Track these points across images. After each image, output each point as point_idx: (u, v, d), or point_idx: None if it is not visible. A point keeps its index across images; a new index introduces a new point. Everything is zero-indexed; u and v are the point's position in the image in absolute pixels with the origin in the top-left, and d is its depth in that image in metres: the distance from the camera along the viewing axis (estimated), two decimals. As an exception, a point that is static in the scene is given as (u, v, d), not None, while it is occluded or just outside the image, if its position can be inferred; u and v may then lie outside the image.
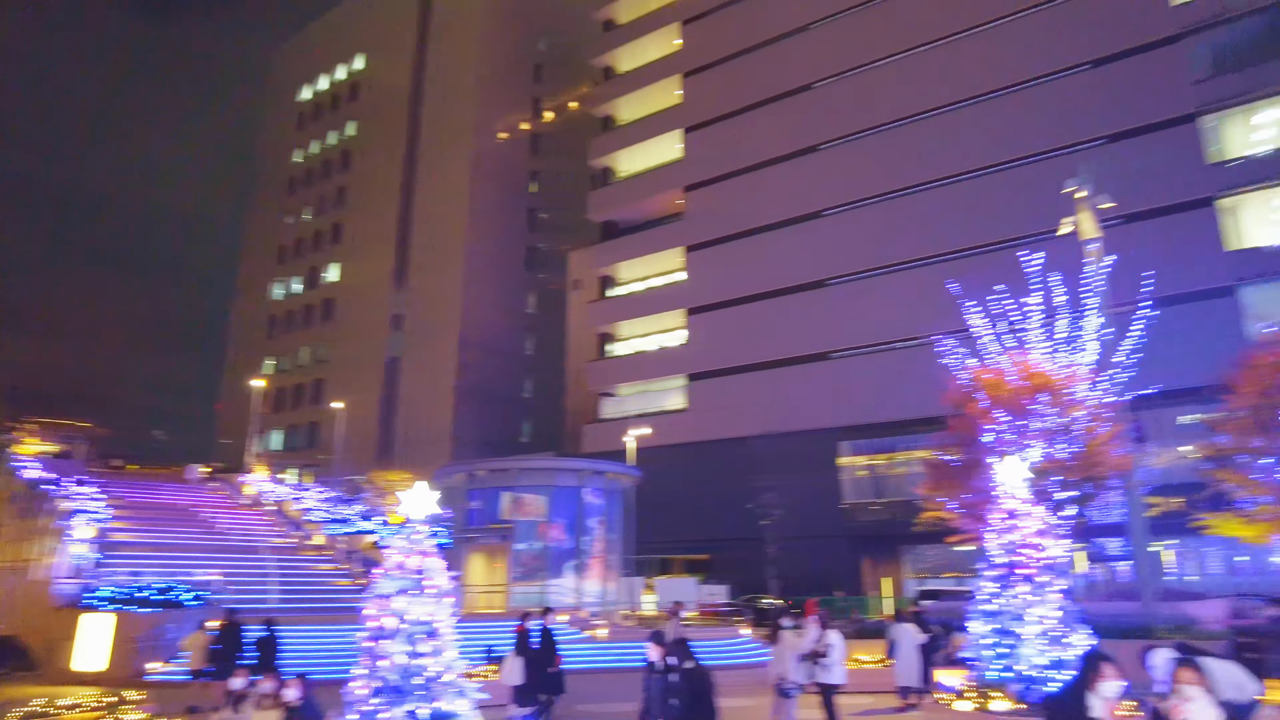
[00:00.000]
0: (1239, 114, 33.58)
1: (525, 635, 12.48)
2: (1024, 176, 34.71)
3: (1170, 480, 25.99)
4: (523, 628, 12.94)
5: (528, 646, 12.08)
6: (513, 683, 11.85)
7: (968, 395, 18.78)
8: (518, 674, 11.84)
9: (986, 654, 10.41)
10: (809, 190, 41.51)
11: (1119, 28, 34.83)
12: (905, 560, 38.23)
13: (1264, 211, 32.28)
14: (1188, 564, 33.35)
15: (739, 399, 41.15)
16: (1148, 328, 19.78)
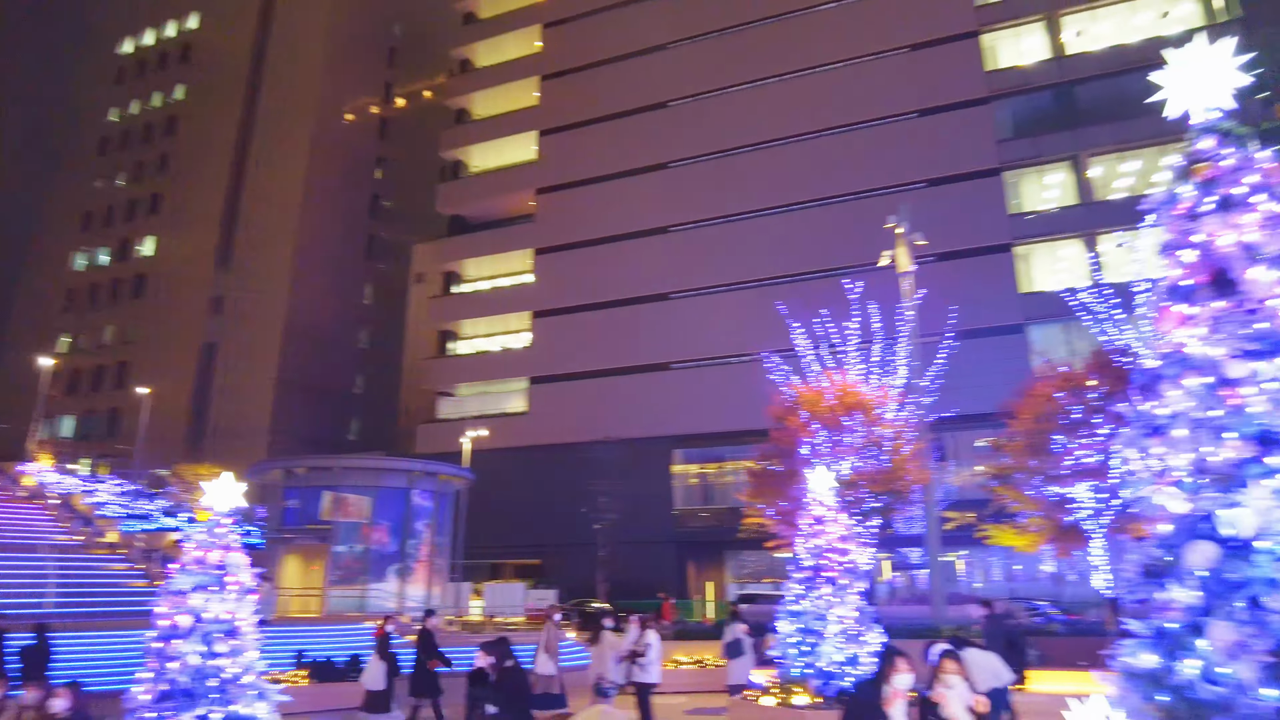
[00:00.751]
0: (1034, 173, 37.92)
1: (386, 639, 12.04)
2: (852, 210, 37.30)
3: (965, 496, 28.81)
4: (383, 631, 12.60)
5: (388, 650, 11.65)
6: (373, 687, 11.40)
7: (790, 409, 19.97)
8: (379, 678, 11.38)
9: (791, 652, 11.08)
10: (658, 205, 42.58)
11: (942, 84, 38.34)
12: (728, 565, 39.90)
13: (1051, 260, 36.56)
14: (975, 572, 37.02)
15: (579, 404, 41.43)
16: (950, 357, 21.90)
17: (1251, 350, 3.88)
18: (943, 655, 5.81)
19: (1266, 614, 3.51)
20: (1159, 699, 3.81)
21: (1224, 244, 4.06)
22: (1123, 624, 4.10)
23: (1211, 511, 3.79)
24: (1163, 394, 4.21)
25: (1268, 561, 3.56)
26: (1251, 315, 3.93)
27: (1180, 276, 4.26)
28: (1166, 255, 4.38)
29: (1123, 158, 36.15)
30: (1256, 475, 3.72)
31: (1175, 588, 3.88)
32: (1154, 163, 35.05)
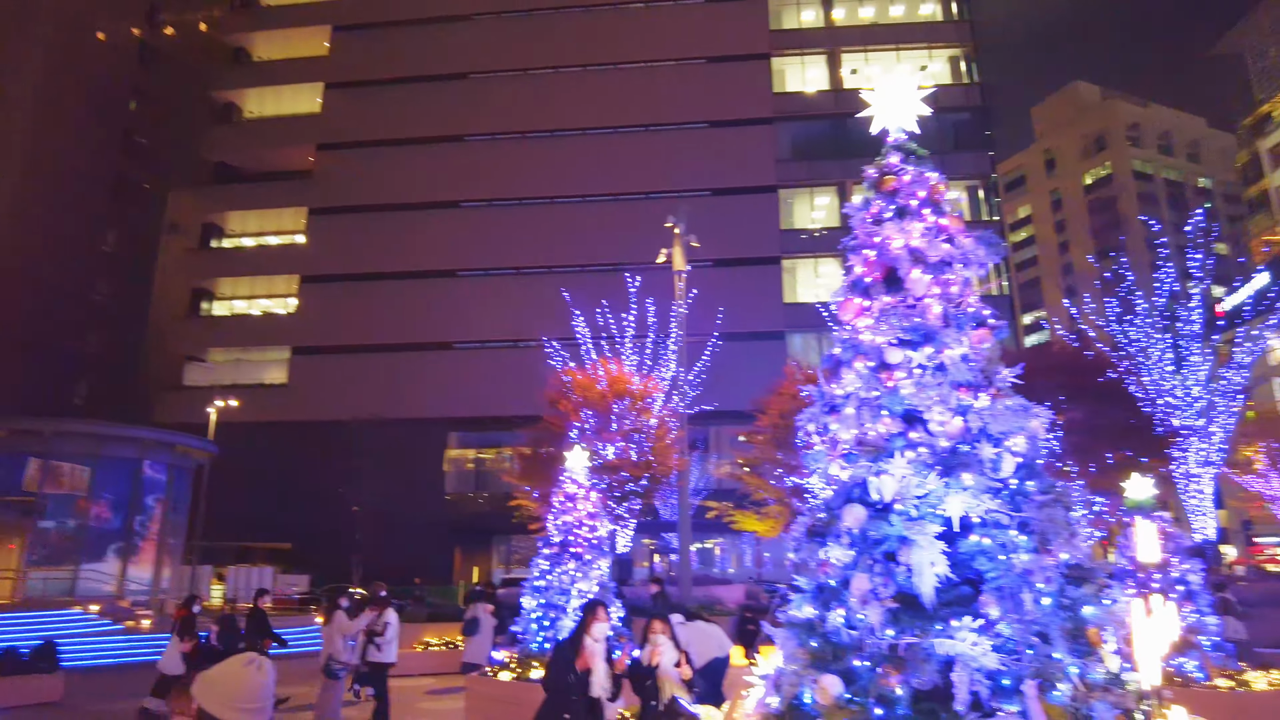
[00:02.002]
0: (806, 194, 41.31)
1: (190, 620, 10.72)
2: (639, 208, 38.32)
3: (724, 486, 30.76)
4: (185, 612, 11.93)
5: (193, 631, 10.36)
6: (169, 671, 10.07)
7: (563, 394, 20.25)
8: (176, 662, 10.09)
9: (533, 627, 11.21)
10: (449, 179, 41.32)
11: (733, 100, 40.60)
12: (497, 550, 39.70)
13: (812, 276, 39.98)
14: (730, 557, 39.70)
15: (348, 380, 39.16)
16: (716, 356, 23.29)
17: (907, 340, 4.47)
18: (651, 619, 6.16)
19: (895, 566, 4.06)
20: (811, 644, 4.27)
21: (895, 247, 4.64)
22: (775, 585, 4.57)
23: (864, 479, 4.31)
24: (841, 376, 4.74)
25: (900, 521, 4.11)
26: (910, 310, 4.52)
27: (861, 274, 4.81)
28: (854, 254, 4.93)
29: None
30: (901, 447, 4.28)
31: (833, 546, 4.37)
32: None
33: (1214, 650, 9.82)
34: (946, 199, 4.91)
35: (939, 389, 4.28)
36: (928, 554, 3.92)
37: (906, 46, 42.61)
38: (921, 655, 3.77)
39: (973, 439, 4.22)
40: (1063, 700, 3.74)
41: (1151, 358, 22.32)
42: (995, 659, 3.72)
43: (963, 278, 4.64)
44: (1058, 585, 3.94)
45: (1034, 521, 4.03)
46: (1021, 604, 3.84)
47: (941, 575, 3.94)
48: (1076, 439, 22.44)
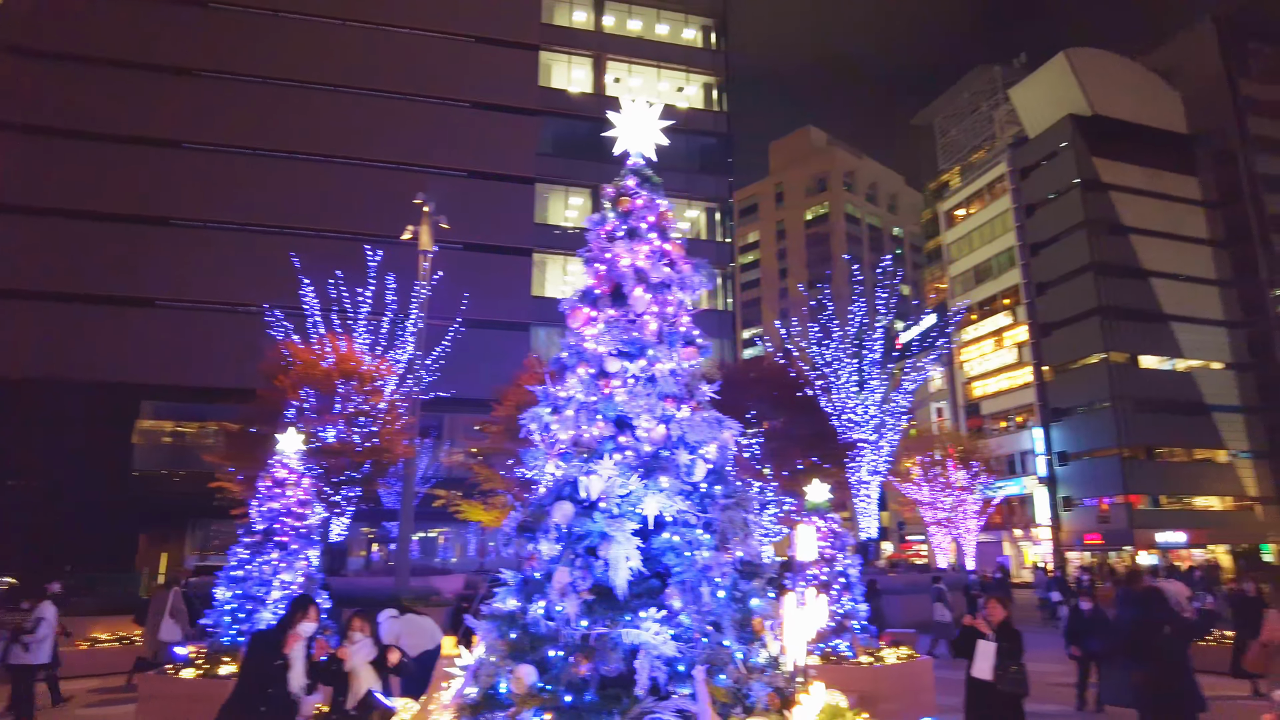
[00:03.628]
0: (561, 192, 42.00)
1: None
2: (389, 179, 36.49)
3: (452, 475, 30.25)
4: None
5: None
6: None
7: (282, 369, 18.78)
8: None
9: (226, 619, 10.33)
10: (170, 114, 36.36)
11: (500, 85, 40.13)
12: (192, 536, 35.70)
13: (561, 273, 40.75)
14: (454, 547, 39.15)
15: (21, 332, 32.92)
16: (457, 342, 22.95)
17: (625, 352, 4.82)
18: (353, 615, 6.01)
19: (595, 560, 4.36)
20: (511, 635, 4.45)
21: (624, 265, 4.98)
22: (498, 575, 4.71)
23: (575, 477, 4.58)
24: (565, 379, 4.98)
25: (603, 518, 4.42)
26: (631, 324, 4.88)
27: (592, 285, 5.10)
28: (587, 266, 5.21)
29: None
30: (610, 450, 4.61)
31: (542, 541, 4.58)
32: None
33: (861, 632, 11.54)
34: (673, 226, 5.34)
35: (648, 399, 4.68)
36: (624, 549, 4.26)
37: (667, 66, 44.95)
38: (610, 644, 4.09)
39: (672, 445, 4.66)
40: (727, 683, 4.26)
41: (841, 378, 25.66)
42: (674, 647, 4.14)
43: (679, 300, 5.09)
44: (732, 579, 4.48)
45: (717, 521, 4.55)
46: (700, 596, 4.31)
47: (635, 569, 4.31)
48: (776, 445, 25.17)
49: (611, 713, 3.99)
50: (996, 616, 7.01)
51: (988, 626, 6.96)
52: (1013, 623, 7.15)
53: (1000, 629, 6.93)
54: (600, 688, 4.16)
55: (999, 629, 6.93)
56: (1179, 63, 57.30)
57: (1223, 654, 12.91)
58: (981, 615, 7.13)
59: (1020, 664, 6.85)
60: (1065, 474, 51.08)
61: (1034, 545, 51.47)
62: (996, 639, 6.88)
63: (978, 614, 7.26)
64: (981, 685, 6.90)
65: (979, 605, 7.69)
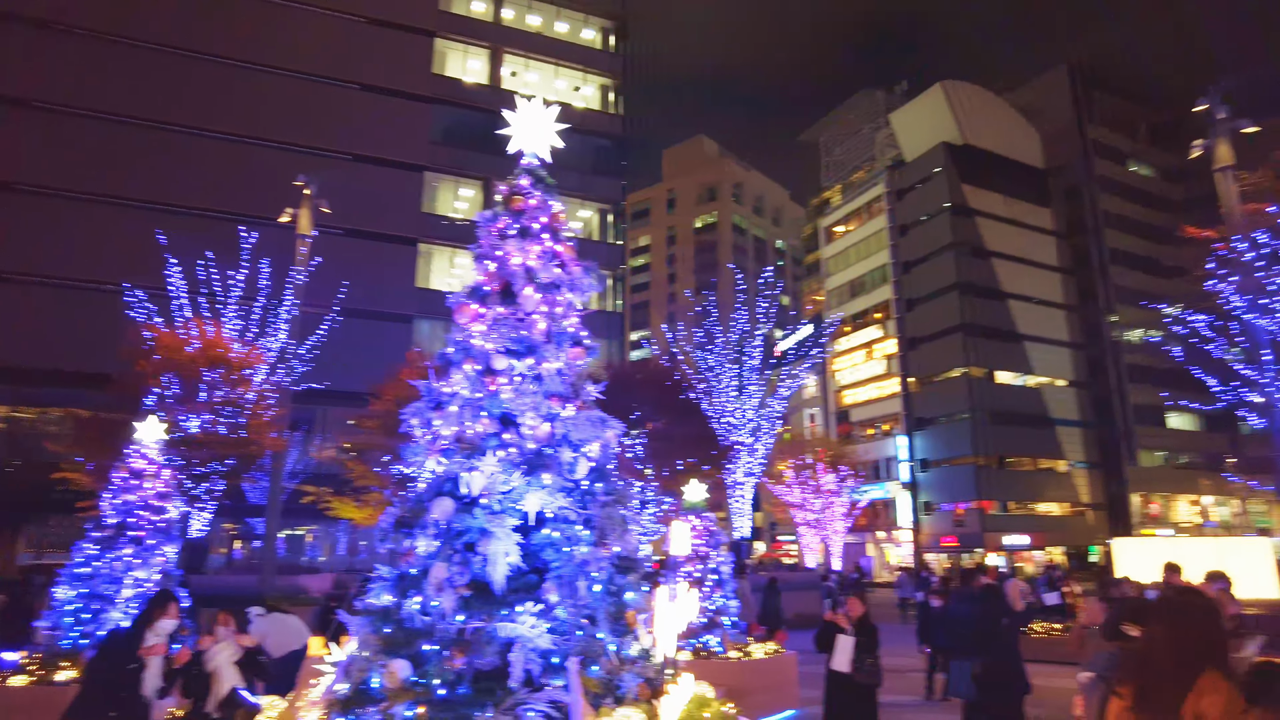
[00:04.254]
0: (451, 182, 41.16)
1: None
2: (268, 157, 34.71)
3: (324, 470, 29.05)
4: None
5: None
6: None
7: (143, 353, 17.57)
8: None
9: (68, 620, 9.63)
10: (21, 67, 33.18)
11: (391, 67, 38.89)
12: (28, 532, 32.71)
13: (448, 265, 39.93)
14: (323, 545, 37.60)
15: None
16: (335, 332, 22.09)
17: (513, 350, 4.88)
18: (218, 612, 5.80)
19: (474, 556, 4.40)
20: (385, 631, 4.42)
21: (514, 263, 5.04)
22: (373, 572, 4.67)
23: (457, 474, 4.60)
24: (450, 375, 4.98)
25: (483, 515, 4.47)
26: (520, 323, 4.94)
27: (481, 282, 5.13)
28: (478, 263, 5.23)
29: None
30: (493, 447, 4.66)
31: (420, 537, 4.57)
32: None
33: (732, 628, 11.96)
34: (565, 227, 5.43)
35: (534, 397, 4.76)
36: (504, 545, 4.32)
37: (565, 64, 44.87)
38: (486, 638, 4.15)
39: (556, 443, 4.76)
40: (600, 674, 4.39)
41: (722, 383, 26.42)
42: (549, 639, 4.24)
43: (568, 300, 5.19)
44: (608, 574, 4.62)
45: (596, 518, 4.68)
46: (577, 591, 4.43)
47: (514, 565, 4.38)
48: (659, 445, 25.62)
49: (485, 705, 4.05)
50: (856, 612, 7.38)
51: (847, 622, 7.32)
52: (869, 619, 7.61)
53: (858, 624, 7.32)
54: (474, 681, 4.21)
55: (857, 624, 7.31)
56: (1038, 103, 62.17)
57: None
58: (842, 611, 7.50)
59: (875, 657, 7.28)
60: (926, 480, 54.40)
61: (896, 547, 54.53)
62: (855, 634, 7.27)
63: (838, 610, 7.67)
64: (840, 677, 7.25)
65: (840, 602, 8.13)
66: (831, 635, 7.33)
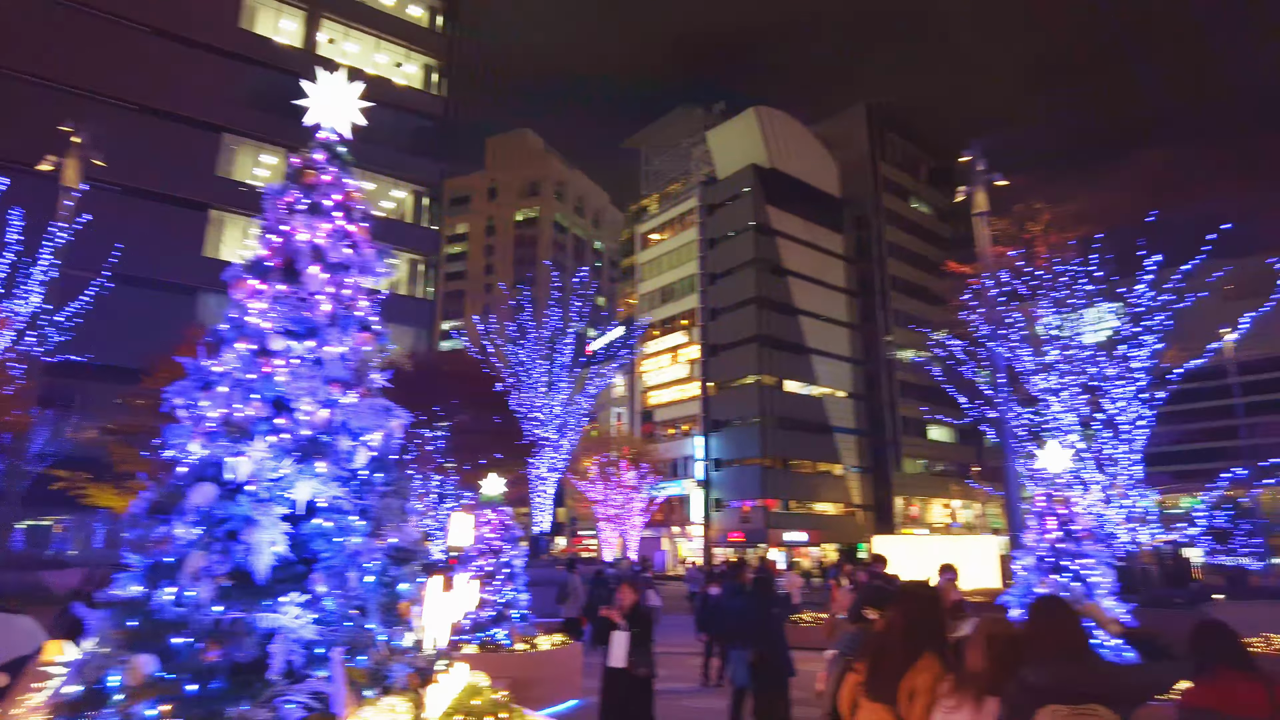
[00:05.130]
0: (253, 147, 38.07)
1: None
2: (36, 95, 30.44)
3: (80, 454, 25.83)
4: None
5: None
6: None
7: None
8: None
9: None
10: None
11: (194, 14, 35.31)
12: None
13: (241, 235, 36.91)
14: (77, 536, 33.36)
15: None
16: (106, 299, 19.72)
17: (293, 331, 4.69)
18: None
19: (237, 545, 4.19)
20: (130, 624, 4.10)
21: (300, 240, 4.84)
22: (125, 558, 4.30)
23: (221, 458, 4.35)
24: (222, 354, 4.70)
25: (249, 502, 4.27)
26: (302, 303, 4.76)
27: (264, 256, 4.89)
28: (261, 236, 4.97)
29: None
30: (264, 431, 4.45)
31: (178, 524, 4.28)
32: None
33: (520, 621, 12.06)
34: (360, 207, 5.28)
35: (312, 381, 4.59)
36: (269, 534, 4.15)
37: (389, 38, 42.95)
38: (245, 629, 3.97)
39: (334, 431, 4.63)
40: (368, 664, 4.34)
41: (531, 378, 26.47)
42: (313, 630, 4.13)
43: (358, 283, 5.06)
44: (382, 565, 4.57)
45: (373, 508, 4.61)
46: (347, 581, 4.34)
47: (281, 554, 4.21)
48: (463, 438, 25.22)
49: (241, 699, 3.88)
50: (627, 600, 7.59)
51: (620, 615, 7.51)
52: (641, 607, 7.84)
53: (631, 615, 7.54)
54: (232, 674, 4.01)
55: (630, 614, 7.52)
56: (838, 136, 67.62)
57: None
58: (616, 605, 7.71)
59: (649, 648, 7.58)
60: (718, 478, 57.47)
61: (688, 541, 57.11)
62: (628, 626, 7.47)
63: (614, 605, 7.88)
64: (616, 672, 7.41)
65: (615, 597, 8.39)
66: (608, 631, 7.46)
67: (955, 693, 3.26)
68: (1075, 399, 18.04)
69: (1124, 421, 17.78)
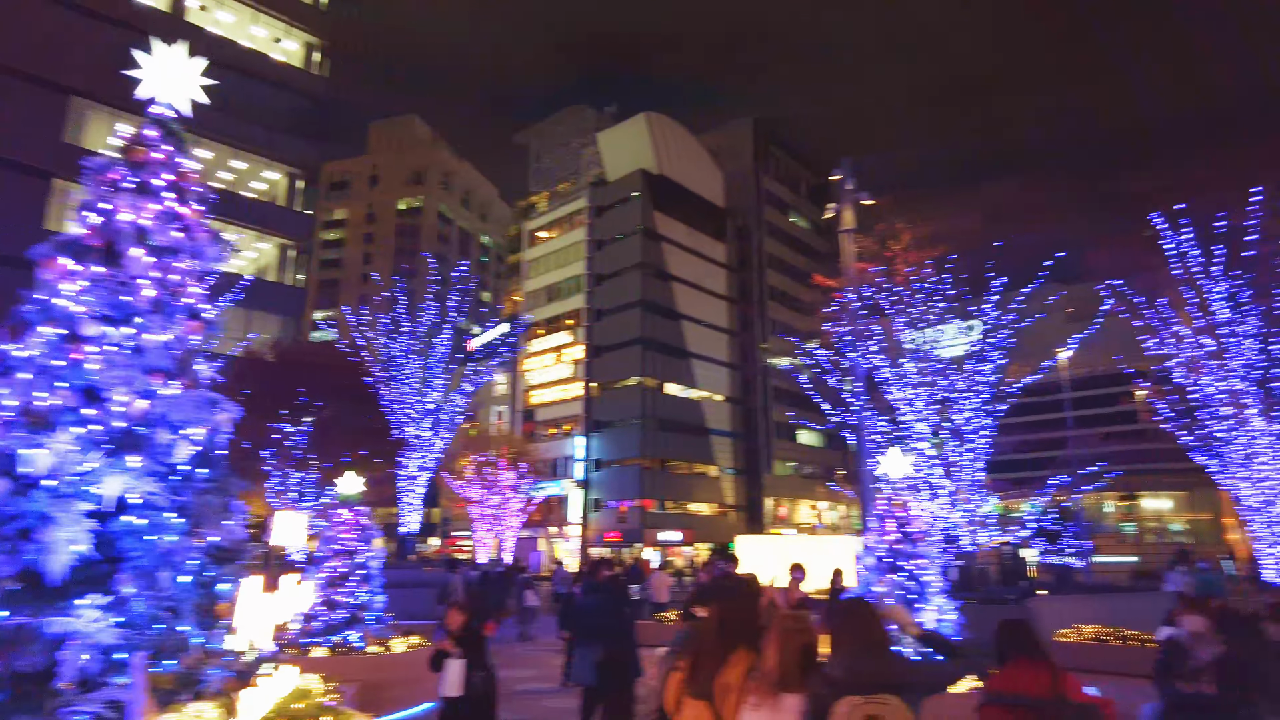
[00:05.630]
0: (108, 115, 35.18)
1: None
2: None
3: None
4: None
5: None
6: None
7: None
8: None
9: None
10: None
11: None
12: None
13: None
14: None
15: None
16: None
17: (110, 316, 4.39)
18: None
19: (27, 544, 3.87)
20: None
21: (123, 220, 4.53)
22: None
23: (14, 450, 4.01)
24: (26, 338, 4.34)
25: (46, 498, 3.96)
26: (122, 287, 4.45)
27: (81, 236, 4.54)
28: (79, 214, 4.62)
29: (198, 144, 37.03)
30: (70, 422, 4.14)
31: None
32: (222, 160, 37.24)
33: (375, 623, 11.70)
34: (195, 189, 5.00)
35: (129, 370, 4.31)
36: (69, 532, 3.87)
37: (266, 11, 40.70)
38: (29, 636, 3.68)
39: (152, 423, 4.35)
40: (177, 668, 4.11)
41: (405, 373, 25.69)
42: (114, 634, 3.87)
43: (188, 269, 4.78)
44: (200, 564, 4.34)
45: (192, 505, 4.37)
46: (158, 581, 4.09)
47: (82, 553, 3.92)
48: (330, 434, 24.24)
49: (17, 712, 3.59)
50: (455, 623, 6.97)
51: (452, 643, 6.89)
52: (472, 625, 7.10)
53: (462, 636, 6.93)
54: (15, 684, 3.71)
55: (460, 637, 6.92)
56: (725, 147, 69.29)
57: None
58: (444, 634, 7.02)
59: (487, 667, 6.97)
60: (597, 479, 57.71)
61: (565, 541, 57.00)
62: (461, 653, 6.84)
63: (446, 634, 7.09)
64: (453, 700, 6.90)
65: (443, 622, 7.46)
66: (441, 660, 6.94)
67: (755, 690, 3.41)
68: (927, 408, 19.24)
69: (969, 431, 19.12)
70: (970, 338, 19.47)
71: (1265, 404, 18.08)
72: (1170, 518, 75.29)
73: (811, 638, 3.45)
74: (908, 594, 9.63)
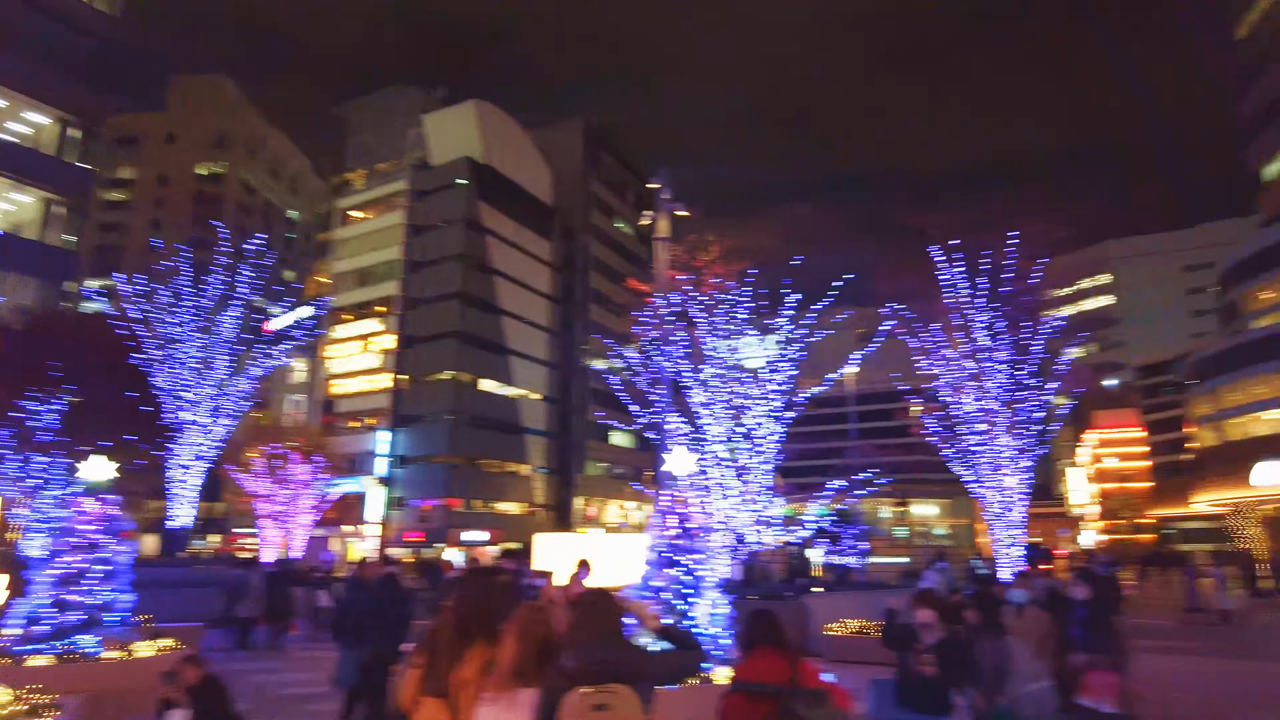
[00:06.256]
0: None
1: None
2: None
3: None
4: None
5: None
6: None
7: None
8: None
9: None
10: None
11: None
12: None
13: None
14: None
15: None
16: None
17: None
18: None
19: None
20: None
21: None
22: None
23: None
24: None
25: None
26: None
27: None
28: None
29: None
30: None
31: None
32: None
33: (120, 625, 10.56)
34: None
35: None
36: None
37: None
38: None
39: None
40: None
41: (184, 352, 23.43)
42: None
43: None
44: None
45: None
46: None
47: None
48: (87, 415, 21.60)
49: None
50: (193, 678, 6.14)
51: (181, 691, 6.05)
52: (211, 681, 6.23)
53: (198, 690, 6.07)
54: None
55: (195, 690, 6.09)
56: (555, 146, 69.23)
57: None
58: (175, 682, 6.18)
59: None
60: (402, 476, 55.59)
61: (361, 541, 54.40)
62: (191, 704, 6.00)
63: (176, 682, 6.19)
64: None
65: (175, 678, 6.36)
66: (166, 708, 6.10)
67: (491, 684, 3.38)
68: (723, 413, 20.23)
69: (759, 436, 20.31)
70: (766, 349, 20.71)
71: (1011, 422, 20.67)
72: (935, 522, 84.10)
73: (551, 631, 3.46)
74: (683, 588, 10.02)
